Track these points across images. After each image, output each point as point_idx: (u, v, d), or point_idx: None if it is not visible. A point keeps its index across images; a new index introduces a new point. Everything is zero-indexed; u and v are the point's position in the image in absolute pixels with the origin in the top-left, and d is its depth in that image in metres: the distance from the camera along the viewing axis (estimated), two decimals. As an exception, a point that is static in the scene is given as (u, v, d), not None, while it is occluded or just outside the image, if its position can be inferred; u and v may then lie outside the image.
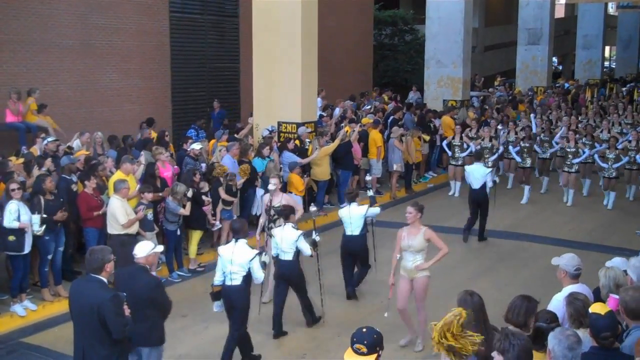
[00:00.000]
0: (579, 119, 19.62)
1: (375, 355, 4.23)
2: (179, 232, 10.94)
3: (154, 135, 13.76)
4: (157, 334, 6.65)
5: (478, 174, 12.52)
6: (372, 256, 10.26)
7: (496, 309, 5.71)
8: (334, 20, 22.14)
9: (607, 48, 46.68)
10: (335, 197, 15.00)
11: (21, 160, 10.69)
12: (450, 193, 16.77)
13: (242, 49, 19.74)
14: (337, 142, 14.32)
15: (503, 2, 41.73)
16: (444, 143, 17.01)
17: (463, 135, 16.79)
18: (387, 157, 16.24)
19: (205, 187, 11.31)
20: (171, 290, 10.35)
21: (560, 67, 46.81)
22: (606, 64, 47.37)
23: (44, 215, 9.40)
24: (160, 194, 10.77)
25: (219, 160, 12.46)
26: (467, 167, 12.92)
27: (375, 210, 10.12)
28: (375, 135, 15.79)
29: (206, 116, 17.82)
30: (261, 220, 10.19)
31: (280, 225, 8.91)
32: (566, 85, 29.95)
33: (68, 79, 15.92)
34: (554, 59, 41.73)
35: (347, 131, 15.16)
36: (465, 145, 16.45)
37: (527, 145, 16.11)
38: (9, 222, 8.99)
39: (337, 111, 18.50)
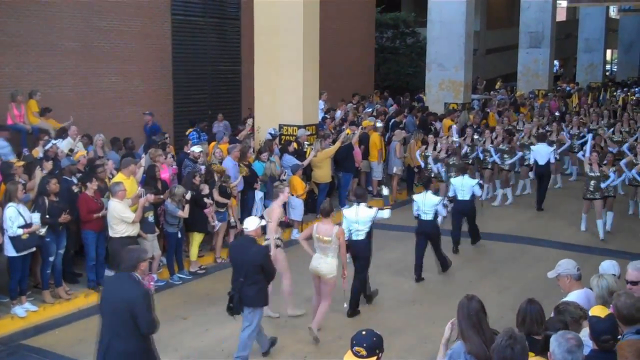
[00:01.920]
0: (562, 126, 18.71)
1: (375, 358, 4.23)
2: (179, 235, 10.94)
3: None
4: (263, 296, 7.81)
5: (465, 185, 12.38)
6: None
7: (497, 311, 5.71)
8: (335, 23, 22.16)
9: (609, 51, 46.68)
10: (336, 200, 15.01)
11: (22, 162, 10.69)
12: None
13: (243, 52, 19.76)
14: (337, 144, 14.33)
15: (504, 5, 41.75)
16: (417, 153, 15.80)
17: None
18: (388, 160, 16.25)
19: (205, 189, 11.30)
20: (172, 293, 10.43)
21: (562, 70, 46.80)
22: (607, 67, 47.38)
23: (47, 217, 9.41)
24: (161, 197, 10.78)
25: (217, 162, 12.45)
26: (452, 180, 12.59)
27: (385, 213, 10.06)
28: (375, 138, 15.80)
29: (208, 119, 17.82)
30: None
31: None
32: (567, 88, 29.94)
33: (70, 82, 15.93)
34: (556, 62, 41.75)
35: (347, 133, 15.18)
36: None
37: (506, 148, 16.08)
38: (13, 230, 9.00)
39: (339, 114, 18.52)
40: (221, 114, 17.84)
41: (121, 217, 9.65)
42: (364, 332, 4.34)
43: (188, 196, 10.80)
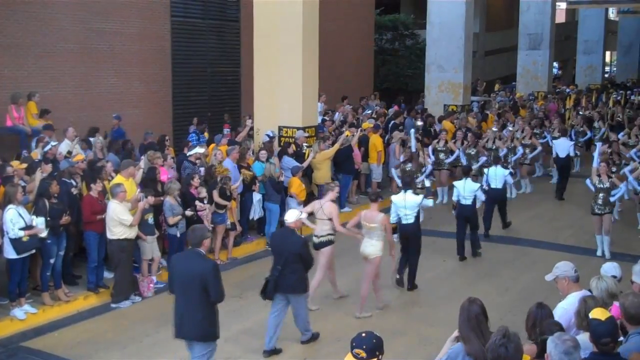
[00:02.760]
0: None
1: (375, 360, 4.25)
2: (178, 235, 10.88)
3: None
4: (304, 283, 8.32)
5: (498, 175, 13.57)
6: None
7: (496, 314, 5.71)
8: (334, 25, 22.15)
9: (608, 53, 46.70)
10: (337, 202, 14.96)
11: (24, 165, 10.67)
12: (438, 201, 15.94)
13: (243, 54, 19.76)
14: (336, 146, 14.32)
15: (504, 7, 41.76)
16: (430, 148, 16.17)
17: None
18: (388, 161, 16.24)
19: (202, 192, 11.29)
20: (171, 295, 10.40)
21: (561, 72, 46.82)
22: (607, 69, 47.38)
23: (48, 219, 9.41)
24: (161, 198, 10.77)
25: (217, 163, 12.43)
26: (455, 183, 12.58)
27: (429, 202, 11.87)
28: (375, 140, 15.81)
29: (207, 121, 17.81)
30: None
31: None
32: (567, 90, 29.93)
33: (69, 83, 15.92)
34: (555, 64, 41.76)
35: (347, 135, 15.17)
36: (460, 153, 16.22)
37: (472, 152, 16.09)
38: (14, 233, 8.99)
39: (337, 116, 18.51)
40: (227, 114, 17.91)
41: (120, 219, 9.65)
42: (363, 334, 4.33)
43: (188, 213, 10.76)
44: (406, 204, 10.42)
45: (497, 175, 13.55)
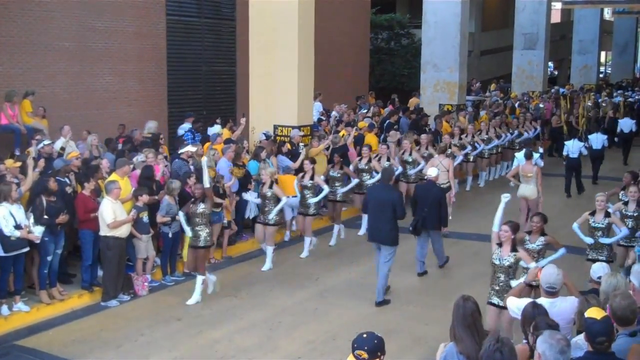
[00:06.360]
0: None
1: (376, 361, 4.27)
2: (170, 235, 10.86)
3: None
4: (440, 222, 11.04)
5: (575, 147, 16.72)
6: None
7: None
8: (330, 24, 22.16)
9: (603, 53, 46.78)
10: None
11: (18, 163, 10.63)
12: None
13: (238, 52, 19.75)
14: (324, 144, 14.17)
15: (499, 7, 41.83)
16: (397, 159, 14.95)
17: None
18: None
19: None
20: (165, 294, 10.42)
21: (557, 72, 46.91)
22: (602, 69, 47.47)
23: (45, 217, 9.39)
24: (156, 197, 10.75)
25: (212, 163, 12.39)
26: (566, 142, 16.98)
27: (540, 162, 14.42)
28: (370, 139, 15.79)
29: (202, 119, 17.77)
30: None
31: None
32: (562, 90, 29.97)
33: (64, 81, 15.89)
34: (550, 64, 41.83)
35: (342, 135, 15.16)
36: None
37: (410, 159, 14.90)
38: (10, 230, 8.96)
39: (333, 114, 18.49)
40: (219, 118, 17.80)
41: (102, 215, 9.61)
42: (365, 335, 4.31)
43: (181, 218, 10.68)
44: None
45: (574, 147, 16.77)
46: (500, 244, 7.75)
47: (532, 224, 8.79)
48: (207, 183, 10.37)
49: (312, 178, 12.35)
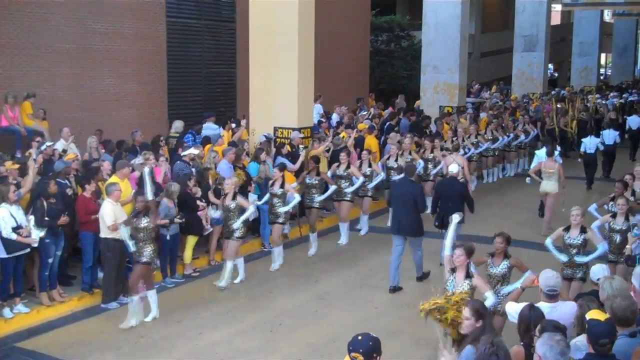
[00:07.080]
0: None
1: (372, 361, 4.26)
2: (168, 237, 10.84)
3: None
4: (462, 215, 10.06)
5: (591, 143, 17.82)
6: None
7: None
8: (330, 26, 22.15)
9: (603, 55, 46.77)
10: (331, 203, 14.96)
11: (17, 165, 10.62)
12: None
13: (238, 54, 19.74)
14: (324, 146, 14.14)
15: (499, 9, 41.83)
16: (380, 164, 14.67)
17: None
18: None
19: (198, 192, 11.27)
20: (165, 295, 10.39)
21: (557, 74, 46.92)
22: (602, 71, 47.46)
23: (46, 219, 9.38)
24: (156, 199, 10.72)
25: (212, 165, 12.39)
26: (583, 140, 17.47)
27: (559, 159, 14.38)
28: (371, 141, 15.78)
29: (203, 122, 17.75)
30: None
31: None
32: (562, 92, 29.96)
33: (64, 83, 15.89)
34: (550, 66, 41.83)
35: (342, 137, 15.16)
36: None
37: (368, 172, 14.76)
38: (7, 232, 8.95)
39: (334, 117, 18.49)
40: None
41: (102, 217, 9.60)
42: (359, 337, 4.30)
43: (178, 220, 10.67)
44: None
45: (590, 143, 17.60)
46: (454, 269, 7.00)
47: (495, 245, 7.77)
48: (150, 195, 9.33)
49: (282, 186, 11.71)
